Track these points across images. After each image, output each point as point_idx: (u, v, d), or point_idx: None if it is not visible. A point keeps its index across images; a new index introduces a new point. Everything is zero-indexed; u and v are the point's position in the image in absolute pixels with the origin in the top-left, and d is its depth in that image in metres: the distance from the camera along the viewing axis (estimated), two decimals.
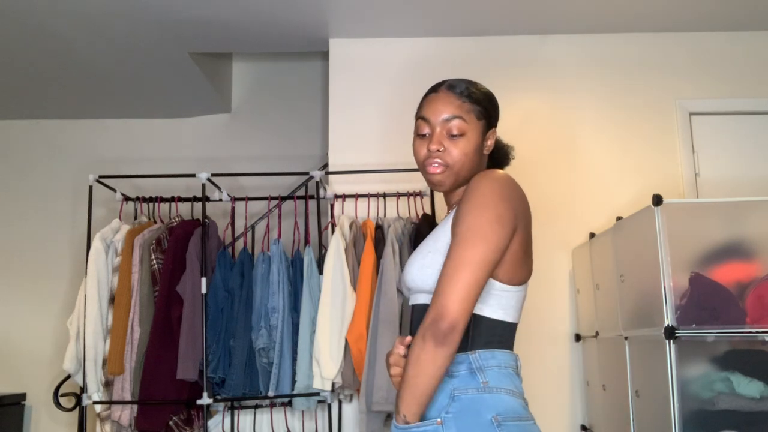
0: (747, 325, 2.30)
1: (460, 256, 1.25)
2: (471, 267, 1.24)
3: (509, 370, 1.34)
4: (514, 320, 1.38)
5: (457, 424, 1.25)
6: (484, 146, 1.47)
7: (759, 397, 2.25)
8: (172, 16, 3.24)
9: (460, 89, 1.47)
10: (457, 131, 1.43)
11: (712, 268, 2.39)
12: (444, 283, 1.24)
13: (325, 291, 2.90)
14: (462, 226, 1.29)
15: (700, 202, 2.90)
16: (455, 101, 1.46)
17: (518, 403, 1.30)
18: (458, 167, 1.43)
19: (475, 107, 1.46)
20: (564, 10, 3.32)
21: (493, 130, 1.49)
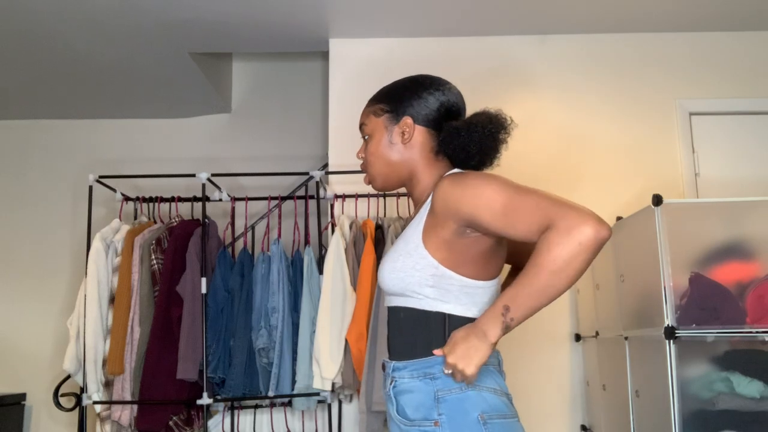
0: (747, 325, 2.30)
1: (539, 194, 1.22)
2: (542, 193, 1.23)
3: (490, 367, 1.33)
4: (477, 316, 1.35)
5: (450, 425, 1.26)
6: (394, 138, 1.44)
7: (759, 397, 2.25)
8: (172, 16, 3.24)
9: (372, 96, 1.51)
10: (365, 134, 1.49)
11: (712, 268, 2.39)
12: (564, 203, 1.20)
13: (325, 291, 2.90)
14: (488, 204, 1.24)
15: (700, 202, 2.90)
16: (365, 109, 1.51)
17: (501, 401, 1.30)
18: (374, 170, 1.47)
19: (373, 107, 1.48)
20: (564, 10, 3.32)
21: (406, 118, 1.43)
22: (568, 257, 1.15)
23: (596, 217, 1.16)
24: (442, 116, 1.44)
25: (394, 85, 1.49)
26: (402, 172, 1.45)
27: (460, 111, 1.49)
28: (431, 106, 1.44)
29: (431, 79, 1.48)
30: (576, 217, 1.16)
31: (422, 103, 1.44)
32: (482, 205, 1.25)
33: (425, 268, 1.33)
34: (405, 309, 1.38)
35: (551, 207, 1.19)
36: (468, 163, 1.41)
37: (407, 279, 1.34)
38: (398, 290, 1.37)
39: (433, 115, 1.44)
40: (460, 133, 1.38)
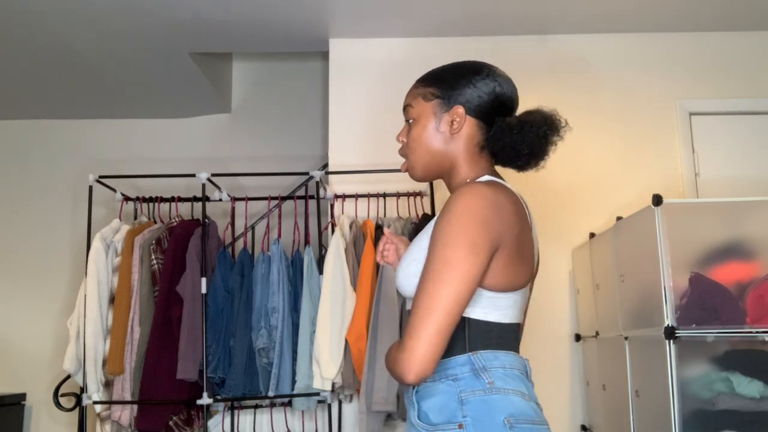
0: (747, 325, 2.30)
1: (433, 295, 1.19)
2: (443, 310, 1.17)
3: (515, 372, 1.28)
4: (511, 320, 1.31)
5: (475, 427, 1.21)
6: (440, 128, 1.37)
7: (759, 397, 2.25)
8: (172, 16, 3.25)
9: (420, 77, 1.42)
10: (409, 117, 1.42)
11: (712, 268, 2.39)
12: (415, 323, 1.18)
13: (325, 291, 2.90)
14: (436, 257, 1.21)
15: (700, 202, 2.90)
16: (411, 90, 1.43)
17: (530, 407, 1.25)
18: (414, 157, 1.40)
19: (423, 89, 1.40)
20: (564, 10, 3.32)
21: (457, 107, 1.35)
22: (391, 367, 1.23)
23: (417, 366, 1.18)
24: (494, 109, 1.36)
25: (447, 69, 1.40)
26: (444, 163, 1.38)
27: (514, 105, 1.41)
28: (485, 96, 1.36)
29: (487, 68, 1.39)
30: (402, 363, 1.19)
31: (476, 92, 1.35)
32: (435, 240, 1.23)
33: None
34: None
35: (417, 328, 1.18)
36: (515, 162, 1.37)
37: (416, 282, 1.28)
38: (408, 293, 1.32)
39: (485, 107, 1.36)
40: (512, 131, 1.32)
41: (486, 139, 1.37)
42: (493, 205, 1.24)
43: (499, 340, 1.29)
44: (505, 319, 1.30)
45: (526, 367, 1.33)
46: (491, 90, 1.36)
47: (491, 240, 1.22)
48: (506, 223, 1.25)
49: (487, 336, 1.28)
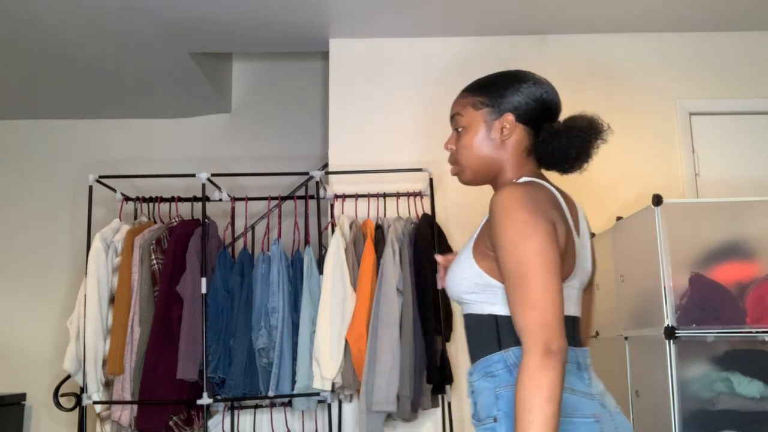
0: (747, 325, 2.30)
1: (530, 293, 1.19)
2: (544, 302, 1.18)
3: None
4: None
5: (506, 420, 1.25)
6: (491, 135, 1.42)
7: (759, 397, 2.25)
8: (172, 16, 3.25)
9: (467, 86, 1.48)
10: (458, 126, 1.47)
11: (712, 268, 2.39)
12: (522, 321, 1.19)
13: (325, 291, 2.90)
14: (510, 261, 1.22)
15: (700, 202, 2.90)
16: (459, 99, 1.48)
17: (565, 399, 1.23)
18: (465, 162, 1.45)
19: (472, 98, 1.45)
20: (564, 10, 3.32)
21: (507, 115, 1.41)
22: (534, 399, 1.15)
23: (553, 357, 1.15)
24: (541, 114, 1.42)
25: (495, 78, 1.45)
26: (493, 168, 1.43)
27: (558, 110, 1.46)
28: (532, 103, 1.41)
29: (531, 75, 1.45)
30: (535, 361, 1.15)
31: (524, 99, 1.41)
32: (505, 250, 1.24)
33: (471, 276, 1.33)
34: (467, 315, 1.39)
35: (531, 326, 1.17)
36: (561, 165, 1.41)
37: (457, 288, 1.36)
38: (455, 297, 1.39)
39: (532, 114, 1.41)
40: (560, 136, 1.38)
41: (534, 144, 1.42)
42: (537, 194, 1.28)
43: None
44: None
45: (578, 359, 1.33)
46: (538, 96, 1.42)
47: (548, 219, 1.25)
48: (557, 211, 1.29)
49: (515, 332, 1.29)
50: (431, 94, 3.50)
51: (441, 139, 3.44)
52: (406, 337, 2.85)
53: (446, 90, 3.49)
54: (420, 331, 2.90)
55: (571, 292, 1.35)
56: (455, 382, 3.14)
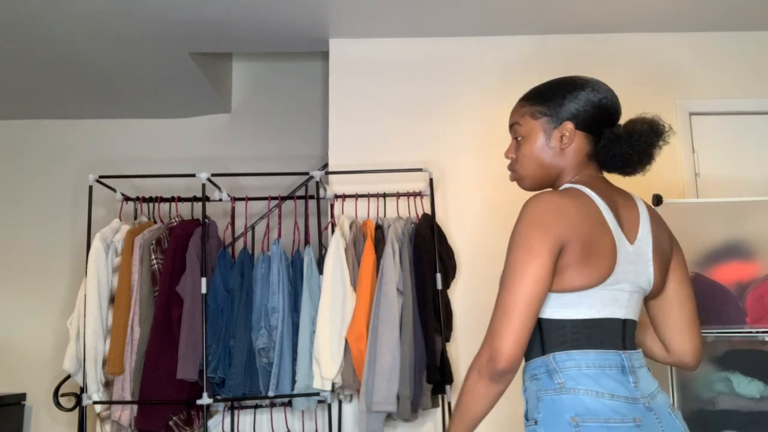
0: (747, 325, 2.30)
1: (504, 300, 1.29)
2: (516, 310, 1.27)
3: (595, 370, 1.31)
4: (588, 316, 1.34)
5: (545, 424, 1.29)
6: (551, 143, 1.44)
7: (759, 397, 2.25)
8: (172, 16, 3.25)
9: (525, 94, 1.50)
10: (518, 135, 1.49)
11: (712, 268, 2.39)
12: (494, 325, 1.29)
13: (325, 291, 2.90)
14: (506, 263, 1.33)
15: (700, 202, 2.90)
16: (517, 108, 1.50)
17: (604, 404, 1.28)
18: (525, 171, 1.48)
19: (531, 108, 1.47)
20: (564, 10, 3.32)
21: (566, 123, 1.43)
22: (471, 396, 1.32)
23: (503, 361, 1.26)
24: (600, 120, 1.44)
25: (551, 86, 1.47)
26: (552, 174, 1.46)
27: (617, 113, 1.47)
28: (590, 110, 1.43)
29: (590, 81, 1.46)
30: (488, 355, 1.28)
31: (582, 107, 1.43)
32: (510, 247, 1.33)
33: None
34: None
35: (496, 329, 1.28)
36: (624, 169, 1.44)
37: None
38: None
39: (592, 120, 1.43)
40: (621, 141, 1.40)
41: (596, 150, 1.44)
42: (555, 209, 1.31)
43: (574, 336, 1.33)
44: (578, 315, 1.34)
45: (622, 362, 1.34)
46: (597, 103, 1.43)
47: (552, 240, 1.29)
48: (570, 225, 1.31)
49: (560, 334, 1.34)
50: (431, 94, 3.50)
51: (441, 139, 3.44)
52: (406, 337, 2.85)
53: (446, 90, 3.49)
54: (420, 331, 2.90)
55: (620, 295, 1.36)
56: (455, 382, 3.14)
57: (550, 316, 1.35)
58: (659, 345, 1.50)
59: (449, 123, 3.46)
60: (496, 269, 3.27)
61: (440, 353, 2.94)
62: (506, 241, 3.31)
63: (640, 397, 1.32)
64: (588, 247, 1.32)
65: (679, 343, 1.46)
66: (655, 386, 1.38)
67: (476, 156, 3.42)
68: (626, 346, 1.37)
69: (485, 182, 3.39)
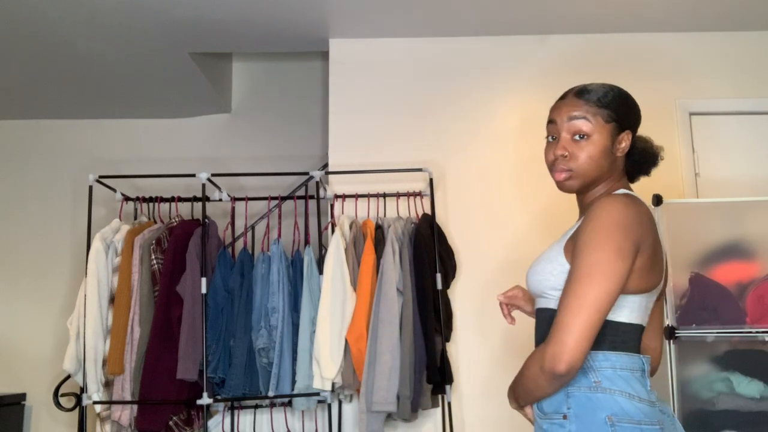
0: (747, 325, 2.30)
1: (582, 294, 1.29)
2: (593, 307, 1.28)
3: (627, 372, 1.35)
4: (626, 320, 1.38)
5: (577, 420, 1.32)
6: (615, 149, 1.47)
7: (759, 397, 2.25)
8: (172, 16, 3.25)
9: (587, 94, 1.49)
10: (581, 132, 1.46)
11: (712, 268, 2.39)
12: (565, 319, 1.29)
13: (325, 291, 2.90)
14: (584, 260, 1.32)
15: (700, 202, 2.90)
16: (581, 104, 1.48)
17: (636, 407, 1.31)
18: (583, 171, 1.46)
19: (602, 110, 1.46)
20: (564, 10, 3.32)
21: (627, 132, 1.48)
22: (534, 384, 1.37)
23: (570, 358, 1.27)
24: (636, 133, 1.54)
25: (620, 93, 1.51)
26: (602, 179, 1.48)
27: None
28: (639, 123, 1.53)
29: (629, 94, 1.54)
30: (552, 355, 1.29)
31: (637, 120, 1.52)
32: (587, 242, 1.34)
33: (561, 274, 1.40)
34: (543, 309, 1.46)
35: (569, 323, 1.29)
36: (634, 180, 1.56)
37: (544, 282, 1.43)
38: (537, 291, 1.47)
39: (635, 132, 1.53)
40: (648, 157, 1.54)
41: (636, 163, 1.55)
42: (634, 213, 1.36)
43: (613, 338, 1.37)
44: (619, 318, 1.37)
45: (643, 366, 1.39)
46: (640, 117, 1.54)
47: (633, 243, 1.33)
48: (645, 230, 1.37)
49: (600, 333, 1.34)
50: (431, 93, 3.50)
51: (441, 139, 3.44)
52: (406, 337, 2.85)
53: (446, 90, 3.49)
54: (420, 331, 2.90)
55: (644, 301, 1.41)
56: (455, 382, 3.14)
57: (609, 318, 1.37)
58: None
59: (449, 123, 3.46)
60: (497, 269, 3.26)
61: (440, 353, 2.94)
62: (506, 240, 3.31)
63: (655, 400, 1.37)
64: (654, 255, 1.38)
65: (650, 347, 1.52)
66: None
67: (476, 156, 3.42)
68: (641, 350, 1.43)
69: (485, 182, 3.39)
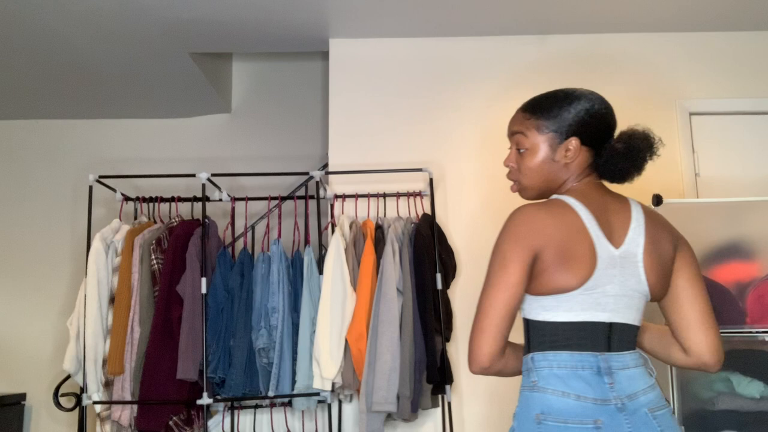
0: (747, 325, 2.30)
1: (479, 303, 1.41)
2: (484, 314, 1.38)
3: (566, 371, 1.37)
4: (568, 320, 1.39)
5: (517, 418, 1.40)
6: (557, 158, 1.48)
7: (759, 397, 2.25)
8: (172, 16, 3.25)
9: (529, 107, 1.52)
10: (521, 146, 1.52)
11: (712, 268, 2.39)
12: (472, 326, 1.41)
13: (325, 291, 2.90)
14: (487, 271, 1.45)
15: (700, 202, 2.90)
16: (521, 119, 1.53)
17: (566, 404, 1.34)
18: (527, 183, 1.52)
19: (539, 122, 1.49)
20: (564, 10, 3.32)
21: (572, 139, 1.47)
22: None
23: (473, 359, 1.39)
24: (601, 132, 1.48)
25: (555, 99, 1.50)
26: (555, 186, 1.51)
27: (615, 122, 1.52)
28: (593, 123, 1.47)
29: (587, 94, 1.50)
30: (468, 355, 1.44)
31: (586, 123, 1.47)
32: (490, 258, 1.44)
33: None
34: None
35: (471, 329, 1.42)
36: (621, 179, 1.50)
37: None
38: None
39: (595, 135, 1.48)
40: (620, 156, 1.46)
41: (597, 165, 1.50)
42: (528, 220, 1.40)
43: (552, 338, 1.40)
44: (557, 318, 1.40)
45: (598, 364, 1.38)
46: (597, 115, 1.48)
47: (525, 251, 1.38)
48: (547, 234, 1.38)
49: (541, 335, 1.41)
50: (431, 93, 3.50)
51: (441, 139, 3.44)
52: (406, 337, 2.85)
53: (447, 90, 3.49)
54: (420, 331, 2.90)
55: (603, 299, 1.40)
56: (455, 382, 3.14)
57: (534, 317, 1.42)
58: (677, 348, 1.50)
59: (449, 123, 3.46)
60: None
61: (440, 353, 2.94)
62: None
63: (613, 398, 1.35)
64: (564, 253, 1.38)
65: (695, 342, 1.46)
66: (644, 386, 1.39)
67: (476, 156, 3.42)
68: (612, 348, 1.40)
69: (485, 182, 3.39)
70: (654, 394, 1.40)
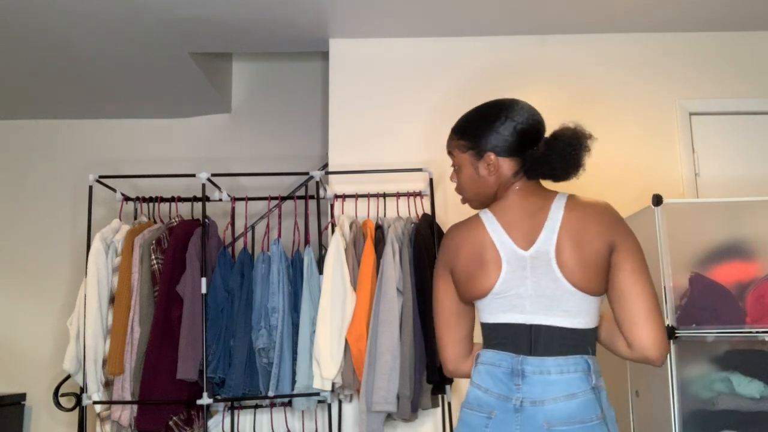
0: (747, 325, 2.30)
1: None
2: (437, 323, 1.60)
3: (487, 367, 1.48)
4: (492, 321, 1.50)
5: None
6: (481, 173, 1.56)
7: (759, 397, 2.25)
8: (172, 15, 3.25)
9: (454, 126, 1.64)
10: (453, 165, 1.64)
11: (712, 268, 2.39)
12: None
13: (325, 291, 2.90)
14: None
15: (700, 202, 2.90)
16: (450, 140, 1.65)
17: (476, 395, 1.47)
18: (467, 197, 1.63)
19: (460, 142, 1.60)
20: (564, 10, 3.32)
21: (488, 154, 1.53)
22: None
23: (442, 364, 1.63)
24: (521, 143, 1.52)
25: (473, 119, 1.59)
26: (490, 194, 1.58)
27: (537, 132, 1.55)
28: (509, 137, 1.52)
29: (505, 110, 1.54)
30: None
31: (500, 136, 1.53)
32: None
33: None
34: None
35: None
36: (556, 179, 1.53)
37: None
38: None
39: (513, 146, 1.53)
40: (542, 160, 1.51)
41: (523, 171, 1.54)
42: (446, 239, 1.58)
43: (486, 338, 1.53)
44: (484, 320, 1.53)
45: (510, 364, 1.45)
46: (512, 131, 1.52)
47: (446, 265, 1.57)
48: (453, 250, 1.55)
49: (483, 335, 1.55)
50: (431, 93, 3.50)
51: (442, 139, 3.43)
52: (406, 337, 2.85)
53: (446, 90, 3.49)
54: (420, 331, 2.90)
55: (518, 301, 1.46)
56: (455, 382, 3.14)
57: (479, 319, 1.57)
58: (622, 341, 1.48)
59: (449, 123, 3.45)
60: None
61: None
62: None
63: (515, 398, 1.41)
64: (469, 265, 1.50)
65: (638, 336, 1.43)
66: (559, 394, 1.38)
67: None
68: (536, 351, 1.43)
69: None
70: (573, 404, 1.37)
